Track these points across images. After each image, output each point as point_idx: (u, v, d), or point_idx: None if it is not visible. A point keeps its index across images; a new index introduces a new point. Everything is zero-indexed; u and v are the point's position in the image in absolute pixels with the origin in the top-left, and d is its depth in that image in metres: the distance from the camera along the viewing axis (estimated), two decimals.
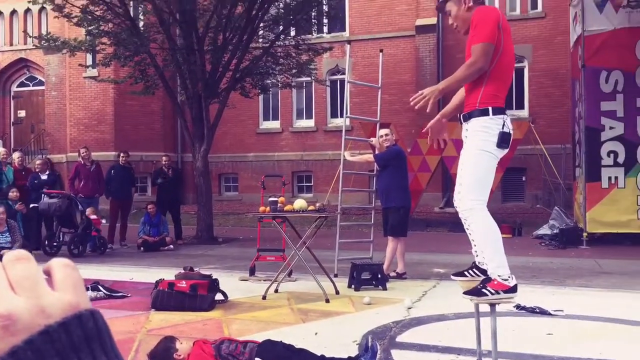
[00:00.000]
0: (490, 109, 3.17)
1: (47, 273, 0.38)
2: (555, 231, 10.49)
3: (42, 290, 0.36)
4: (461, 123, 3.35)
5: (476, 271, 3.42)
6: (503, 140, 3.17)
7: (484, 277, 3.31)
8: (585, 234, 9.86)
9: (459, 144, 12.97)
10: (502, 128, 3.17)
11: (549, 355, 3.77)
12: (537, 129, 13.16)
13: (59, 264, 0.39)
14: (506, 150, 3.26)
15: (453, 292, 5.91)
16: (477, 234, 3.24)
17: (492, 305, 3.22)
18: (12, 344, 0.33)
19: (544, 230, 10.88)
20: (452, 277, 3.59)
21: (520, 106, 16.39)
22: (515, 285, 3.22)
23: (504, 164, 12.51)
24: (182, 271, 5.65)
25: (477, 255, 3.43)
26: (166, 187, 10.82)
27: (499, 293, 3.16)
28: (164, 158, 11.37)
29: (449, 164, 12.84)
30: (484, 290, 3.19)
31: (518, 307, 5.06)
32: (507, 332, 4.37)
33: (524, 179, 15.85)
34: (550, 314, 4.87)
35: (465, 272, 3.45)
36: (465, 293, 3.30)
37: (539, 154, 13.18)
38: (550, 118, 15.61)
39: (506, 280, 3.18)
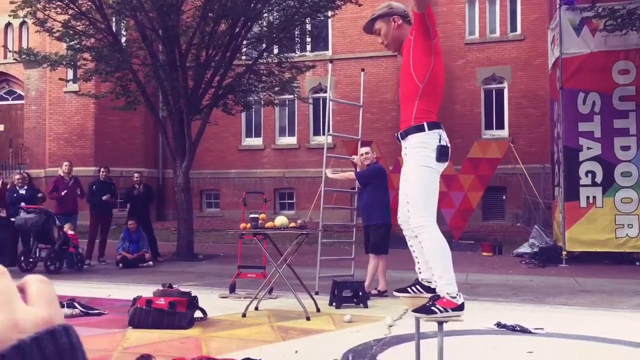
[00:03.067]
0: (425, 124, 3.21)
1: (22, 289, 0.38)
2: (535, 250, 10.58)
3: (15, 305, 0.36)
4: (399, 141, 3.38)
5: (419, 288, 3.45)
6: (442, 153, 3.20)
7: (427, 294, 3.33)
8: (564, 253, 9.95)
9: None
10: (440, 142, 3.20)
11: None
12: (517, 149, 13.34)
13: (34, 280, 0.39)
14: (446, 164, 3.28)
15: None
16: (428, 250, 3.24)
17: (440, 323, 3.20)
18: None
19: (524, 248, 10.97)
20: (395, 293, 3.60)
21: (500, 126, 16.62)
22: (463, 304, 3.22)
23: (484, 182, 12.67)
24: (161, 288, 5.56)
25: (420, 272, 3.47)
26: (136, 203, 10.68)
27: (447, 311, 3.15)
28: (135, 175, 11.22)
29: None
30: (433, 308, 3.17)
31: (498, 325, 5.07)
32: (488, 350, 4.38)
33: (504, 197, 16.02)
34: (530, 332, 4.87)
35: (409, 289, 3.46)
36: (414, 311, 3.29)
37: (519, 173, 13.33)
38: (530, 138, 15.84)
39: (454, 298, 3.17)
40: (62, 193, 9.99)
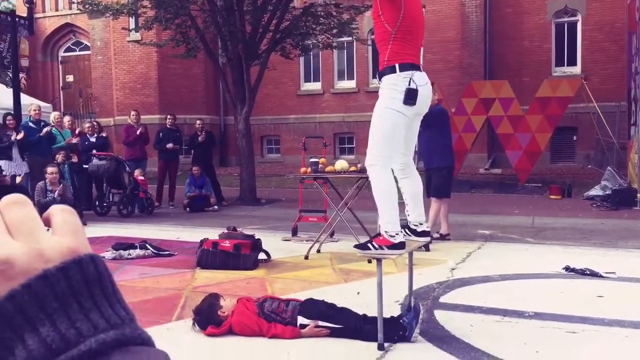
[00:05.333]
0: (397, 65, 3.20)
1: (47, 221, 0.37)
2: (607, 192, 10.11)
3: (39, 235, 0.35)
4: (379, 82, 3.37)
5: (407, 231, 3.51)
6: (409, 96, 3.17)
7: (414, 237, 3.44)
8: (639, 195, 9.46)
9: (505, 103, 12.62)
10: (409, 84, 3.17)
11: (599, 317, 3.65)
12: (590, 86, 12.57)
13: (58, 209, 0.38)
14: (415, 107, 3.24)
15: (498, 253, 5.81)
16: (374, 190, 3.30)
17: (378, 260, 3.26)
18: (10, 288, 0.33)
19: (596, 191, 10.51)
20: (354, 248, 3.62)
21: (572, 63, 15.66)
22: (402, 243, 3.27)
23: (553, 122, 12.09)
24: (226, 231, 5.74)
25: (408, 215, 3.52)
26: (199, 150, 10.90)
27: (382, 248, 3.22)
28: (197, 122, 11.42)
29: (495, 123, 12.48)
30: (369, 244, 3.27)
31: (567, 269, 4.93)
32: (556, 293, 4.27)
33: (574, 138, 15.28)
34: (601, 276, 4.71)
35: (369, 245, 3.49)
36: (354, 246, 3.42)
37: (591, 112, 12.62)
38: (604, 74, 14.87)
39: (392, 237, 3.23)
40: (138, 132, 10.35)
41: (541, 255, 5.67)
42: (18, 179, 8.64)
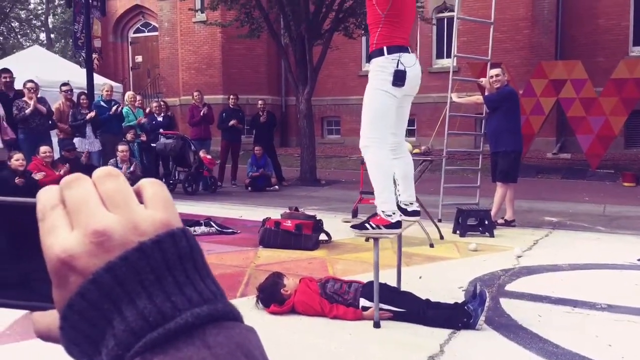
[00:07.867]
0: (385, 48, 3.27)
1: (138, 193, 0.37)
2: None
3: (134, 207, 0.35)
4: (369, 65, 3.45)
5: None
6: (397, 78, 3.25)
7: (405, 217, 3.51)
8: None
9: (577, 85, 12.04)
10: (397, 66, 3.25)
11: None
12: None
13: (148, 182, 0.37)
14: (404, 88, 3.31)
15: (567, 242, 5.59)
16: (370, 170, 3.36)
17: (375, 239, 3.34)
18: (107, 260, 0.33)
19: None
20: (351, 229, 3.64)
21: None
22: (399, 222, 3.34)
23: (629, 106, 11.44)
24: (288, 211, 5.81)
25: (399, 195, 3.57)
26: (261, 130, 11.00)
27: (380, 228, 3.31)
28: (259, 102, 11.51)
29: (565, 106, 11.94)
30: (366, 224, 3.35)
31: None
32: (630, 285, 4.08)
33: None
34: None
35: (366, 225, 3.51)
36: (351, 227, 3.53)
37: None
38: None
39: (389, 216, 3.31)
40: (202, 112, 10.55)
41: (614, 245, 5.42)
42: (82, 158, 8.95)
